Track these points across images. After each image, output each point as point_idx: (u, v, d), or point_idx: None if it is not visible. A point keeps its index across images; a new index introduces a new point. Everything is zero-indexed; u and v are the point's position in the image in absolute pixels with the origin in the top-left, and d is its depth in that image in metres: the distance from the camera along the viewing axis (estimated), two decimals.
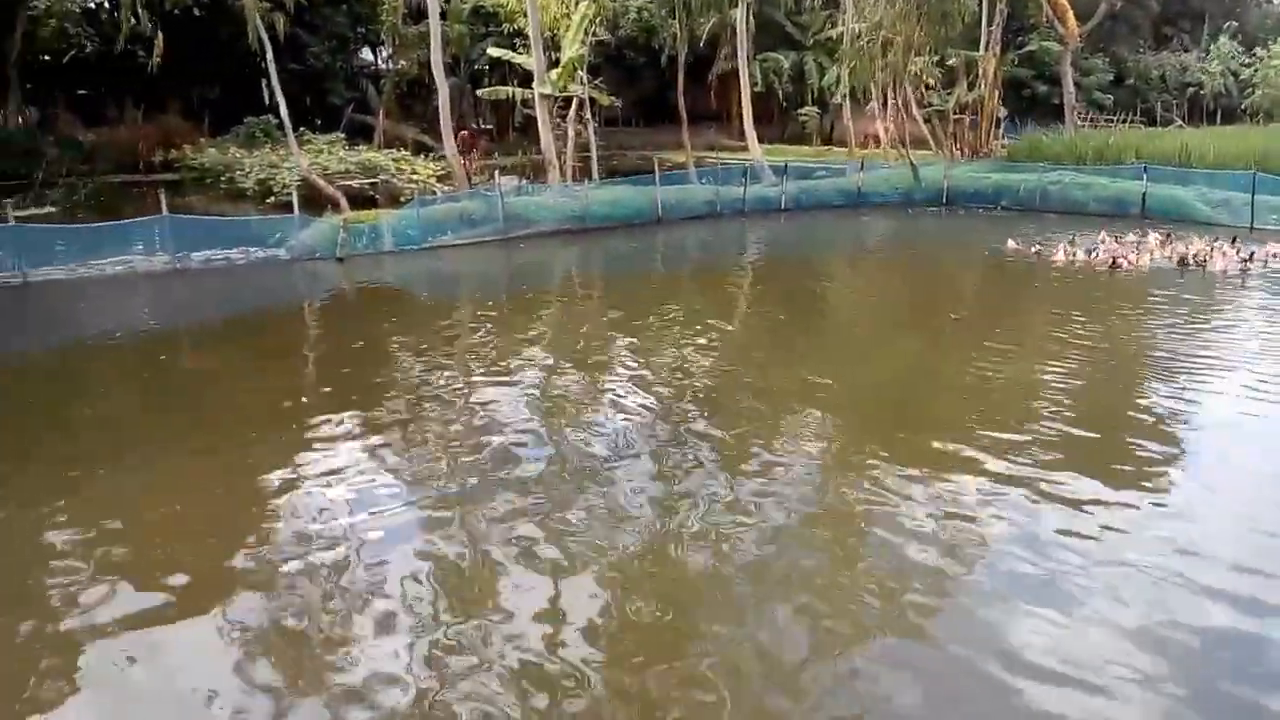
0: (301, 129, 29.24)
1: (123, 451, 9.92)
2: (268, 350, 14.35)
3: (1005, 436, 9.49)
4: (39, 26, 32.21)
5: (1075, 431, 9.74)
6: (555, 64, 28.47)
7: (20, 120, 36.05)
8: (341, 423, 10.43)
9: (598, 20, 31.03)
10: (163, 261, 19.22)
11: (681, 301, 17.04)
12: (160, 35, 31.36)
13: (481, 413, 10.78)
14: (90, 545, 7.69)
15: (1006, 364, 12.40)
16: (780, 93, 44.15)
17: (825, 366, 12.68)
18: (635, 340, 14.06)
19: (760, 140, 34.40)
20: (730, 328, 15.27)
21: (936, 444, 9.38)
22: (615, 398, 11.22)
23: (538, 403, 11.20)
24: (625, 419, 10.42)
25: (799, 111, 44.19)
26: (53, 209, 26.28)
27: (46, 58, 36.04)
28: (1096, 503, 8.03)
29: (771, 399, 11.16)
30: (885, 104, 34.89)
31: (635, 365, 12.63)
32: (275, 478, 9.03)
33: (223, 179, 29.66)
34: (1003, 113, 38.58)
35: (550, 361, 13.34)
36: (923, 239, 25.69)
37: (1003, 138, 37.69)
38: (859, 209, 28.93)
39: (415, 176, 27.89)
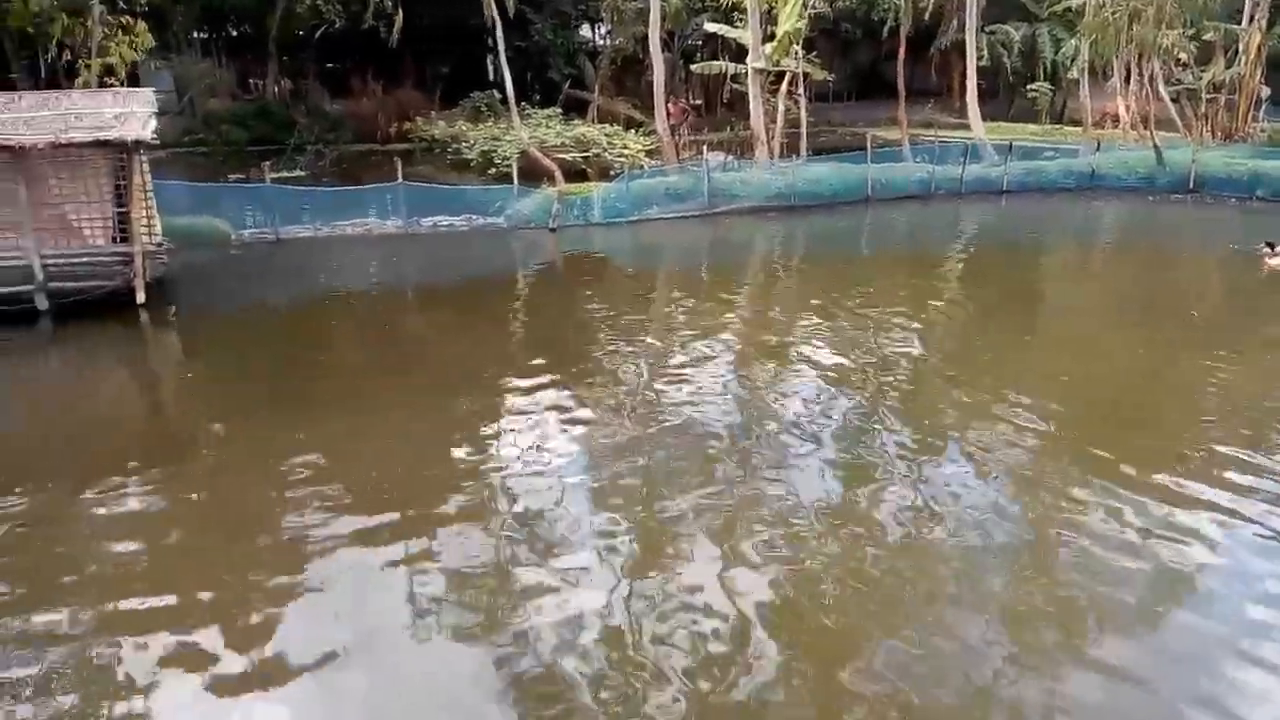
0: (522, 104, 30.46)
1: (349, 396, 10.93)
2: (481, 311, 15.23)
3: (1232, 467, 8.59)
4: (295, 3, 35.24)
5: None
6: (770, 38, 28.12)
7: (277, 91, 39.67)
8: (543, 385, 10.99)
9: None
10: (395, 225, 20.72)
11: (884, 286, 16.51)
12: (400, 12, 33.51)
13: (672, 387, 11.01)
14: (317, 477, 8.58)
15: (1241, 379, 11.24)
16: (1008, 67, 41.56)
17: (1035, 368, 11.91)
18: (831, 324, 13.81)
19: (983, 117, 32.59)
20: (934, 317, 14.61)
21: (1152, 464, 8.66)
22: (805, 383, 11.12)
23: (727, 381, 11.28)
24: (814, 406, 10.30)
25: (1028, 87, 41.35)
26: (302, 173, 28.79)
27: (300, 33, 39.38)
28: None
29: (972, 400, 10.63)
30: (1128, 80, 32.13)
31: (829, 351, 12.43)
32: (479, 429, 9.74)
33: (449, 150, 31.42)
34: (1265, 92, 34.45)
35: (743, 340, 13.35)
36: (1162, 229, 23.57)
37: (1263, 120, 33.78)
38: (1091, 193, 26.88)
39: (625, 151, 28.42)
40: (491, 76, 40.70)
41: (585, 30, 46.38)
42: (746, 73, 27.84)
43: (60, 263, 14.05)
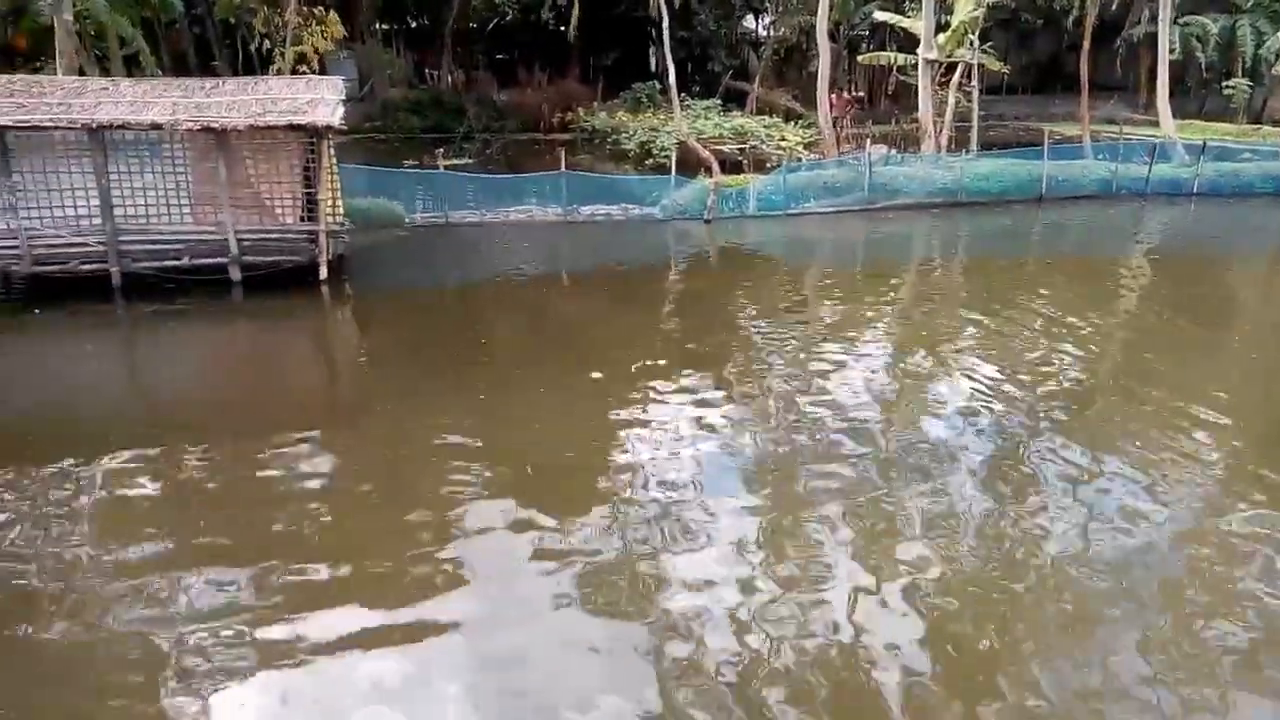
0: (682, 95, 30.63)
1: (503, 377, 11.35)
2: (633, 300, 15.47)
3: None
4: None
5: None
6: (943, 27, 27.15)
7: (450, 81, 41.35)
8: (689, 378, 11.04)
9: None
10: (556, 213, 21.24)
11: (1052, 291, 15.60)
12: (577, 5, 34.25)
13: (816, 388, 10.82)
14: (470, 454, 8.95)
15: None
16: (1201, 62, 38.59)
17: (1217, 390, 10.81)
18: (991, 330, 13.21)
19: (1172, 114, 30.41)
20: (1105, 328, 13.68)
21: None
22: (958, 393, 10.66)
23: (874, 386, 10.99)
24: (966, 418, 9.87)
25: (1225, 84, 38.28)
26: (469, 161, 29.91)
27: (473, 25, 40.91)
28: None
29: (1143, 420, 9.88)
30: None
31: (986, 359, 11.88)
32: (625, 418, 9.89)
33: (609, 140, 31.97)
34: None
35: (895, 343, 12.96)
36: None
37: None
38: None
39: (783, 143, 28.17)
40: (653, 67, 41.07)
41: (748, 21, 46.15)
42: (916, 63, 26.99)
43: (253, 238, 15.14)
